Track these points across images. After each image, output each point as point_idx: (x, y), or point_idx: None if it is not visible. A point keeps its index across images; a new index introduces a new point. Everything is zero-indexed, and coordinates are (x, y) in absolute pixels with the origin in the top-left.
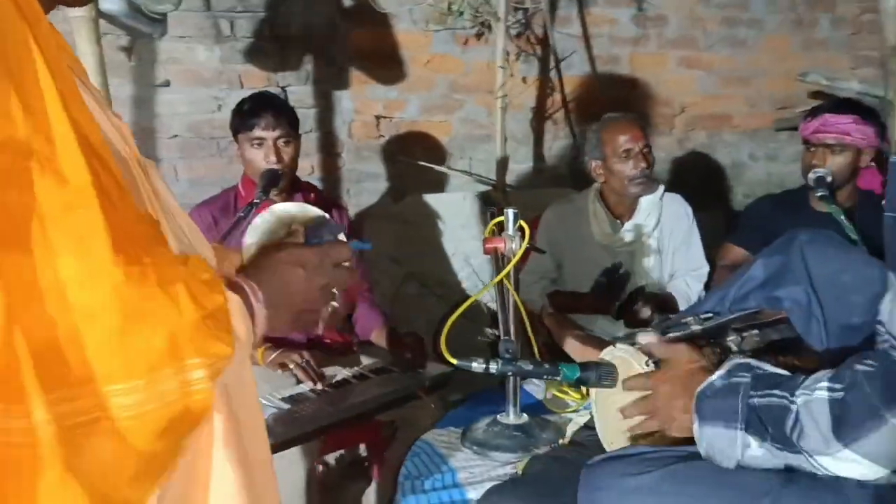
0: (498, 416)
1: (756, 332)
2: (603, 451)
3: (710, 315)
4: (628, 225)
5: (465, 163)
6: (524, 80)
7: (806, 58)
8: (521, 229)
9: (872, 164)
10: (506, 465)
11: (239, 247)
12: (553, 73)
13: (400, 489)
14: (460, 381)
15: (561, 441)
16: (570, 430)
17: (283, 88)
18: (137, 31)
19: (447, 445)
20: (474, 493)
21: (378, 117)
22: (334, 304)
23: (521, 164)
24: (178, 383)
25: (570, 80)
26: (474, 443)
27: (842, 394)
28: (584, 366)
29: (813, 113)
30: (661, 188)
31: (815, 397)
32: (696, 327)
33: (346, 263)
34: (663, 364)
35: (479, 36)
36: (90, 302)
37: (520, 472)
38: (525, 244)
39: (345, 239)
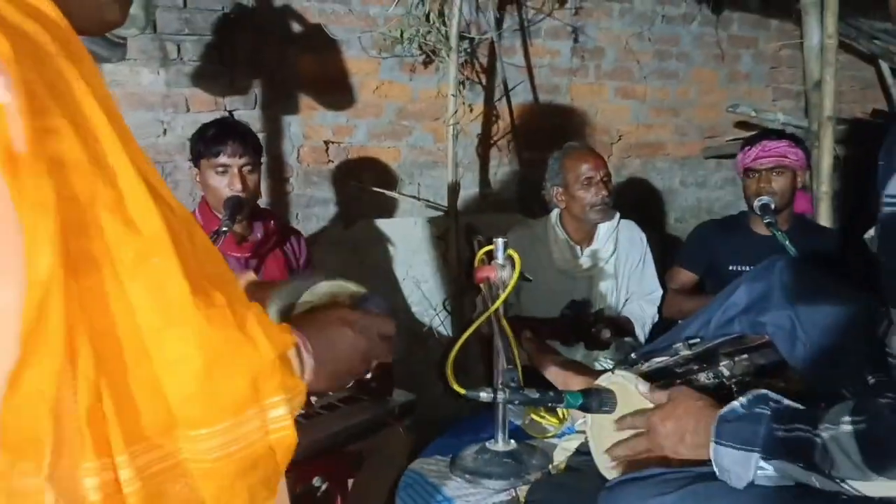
0: (487, 443)
1: (745, 356)
2: (601, 476)
3: (698, 340)
4: (587, 251)
5: (414, 188)
6: (470, 107)
7: (731, 90)
8: (511, 258)
9: (804, 187)
10: (500, 492)
11: None
12: (497, 101)
13: None
14: (425, 408)
15: (554, 467)
16: (558, 455)
17: (230, 112)
18: (94, 55)
19: (437, 475)
20: None
21: (327, 143)
22: (368, 373)
23: (467, 190)
24: (261, 422)
25: (514, 108)
26: (465, 471)
27: (864, 425)
28: (586, 393)
29: (750, 142)
30: (618, 215)
31: (840, 431)
32: (685, 352)
33: (388, 332)
34: (665, 403)
35: (426, 64)
36: (171, 350)
37: (522, 500)
38: (516, 274)
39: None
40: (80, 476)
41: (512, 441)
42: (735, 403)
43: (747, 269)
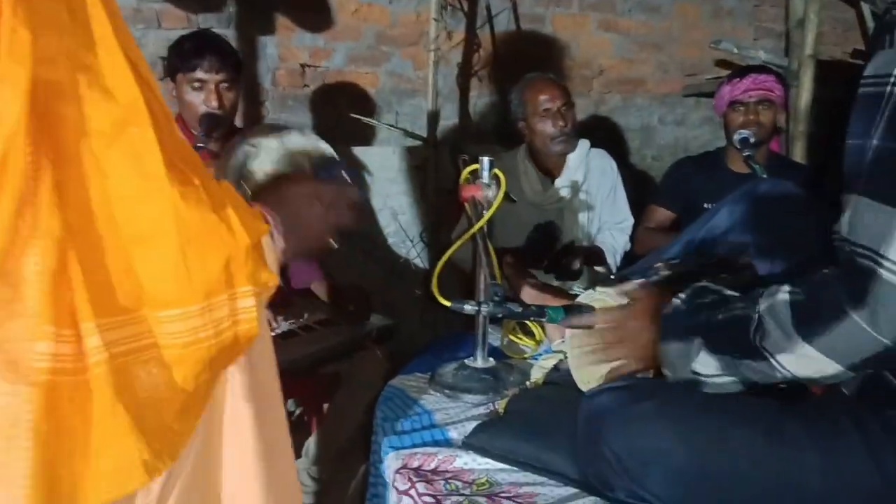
0: (466, 360)
1: (727, 276)
2: (578, 389)
3: (678, 260)
4: (558, 182)
5: (392, 117)
6: (450, 35)
7: (713, 27)
8: (497, 177)
9: (778, 128)
10: (478, 406)
11: None
12: (479, 29)
13: (379, 431)
14: (401, 339)
15: (531, 384)
16: (535, 373)
17: (203, 30)
18: None
19: (417, 390)
20: (455, 433)
21: (304, 66)
22: (333, 243)
23: (447, 121)
24: (230, 311)
25: (496, 37)
26: (445, 386)
27: (801, 295)
28: (568, 308)
29: (738, 74)
30: (587, 144)
31: (777, 299)
32: (666, 272)
33: (354, 202)
34: (629, 303)
35: None
36: (144, 222)
37: (501, 410)
38: (502, 192)
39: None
40: (32, 339)
41: (490, 359)
42: (676, 300)
43: None
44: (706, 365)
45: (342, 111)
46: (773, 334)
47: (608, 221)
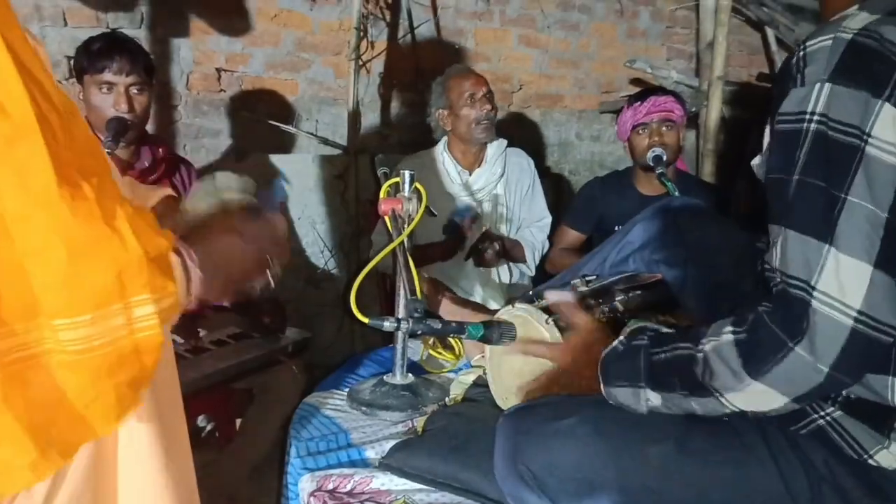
0: (384, 376)
1: (639, 293)
2: (497, 406)
3: (594, 277)
4: (476, 174)
5: (312, 125)
6: (372, 45)
7: (628, 46)
8: (418, 191)
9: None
10: (397, 423)
11: None
12: (401, 39)
13: (293, 453)
14: (318, 351)
15: (450, 399)
16: (454, 389)
17: (112, 31)
18: None
19: (333, 408)
20: (373, 452)
21: (219, 70)
22: (271, 274)
23: (367, 129)
24: (126, 319)
25: (417, 48)
26: (362, 403)
27: (745, 335)
28: (487, 325)
29: (638, 98)
30: (504, 142)
31: (722, 341)
32: (583, 289)
33: (281, 234)
34: (567, 332)
35: None
36: (35, 237)
37: (419, 429)
38: (423, 206)
39: (279, 209)
40: None
41: (410, 375)
42: (615, 343)
43: None
44: (653, 402)
45: (260, 118)
46: (721, 374)
47: (527, 219)
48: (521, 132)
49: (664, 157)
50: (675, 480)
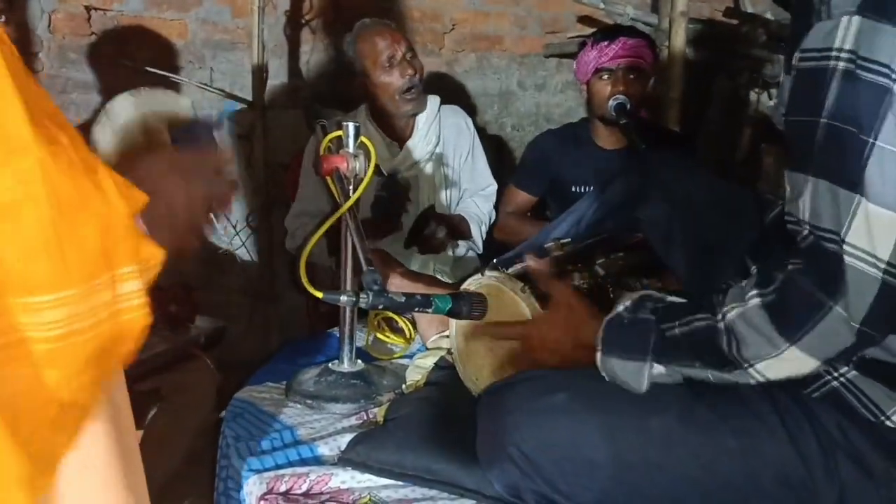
0: (329, 364)
1: (621, 255)
2: (466, 389)
3: (569, 240)
4: (407, 147)
5: (206, 74)
6: None
7: None
8: (364, 146)
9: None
10: (349, 416)
11: None
12: None
13: (232, 453)
14: (228, 345)
15: (407, 387)
16: (411, 374)
17: None
18: None
19: (271, 403)
20: (326, 448)
21: (89, 8)
22: (213, 218)
23: (273, 80)
24: (112, 296)
25: None
26: (306, 396)
27: (775, 296)
28: (456, 297)
29: (606, 37)
30: (437, 100)
31: (749, 306)
32: (557, 253)
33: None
34: (547, 306)
35: None
36: (10, 190)
37: (380, 419)
38: (373, 163)
39: (219, 137)
40: None
41: (359, 361)
42: (619, 310)
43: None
44: (657, 373)
45: (140, 67)
46: (753, 342)
47: (469, 189)
48: (453, 82)
49: (628, 106)
50: (679, 454)
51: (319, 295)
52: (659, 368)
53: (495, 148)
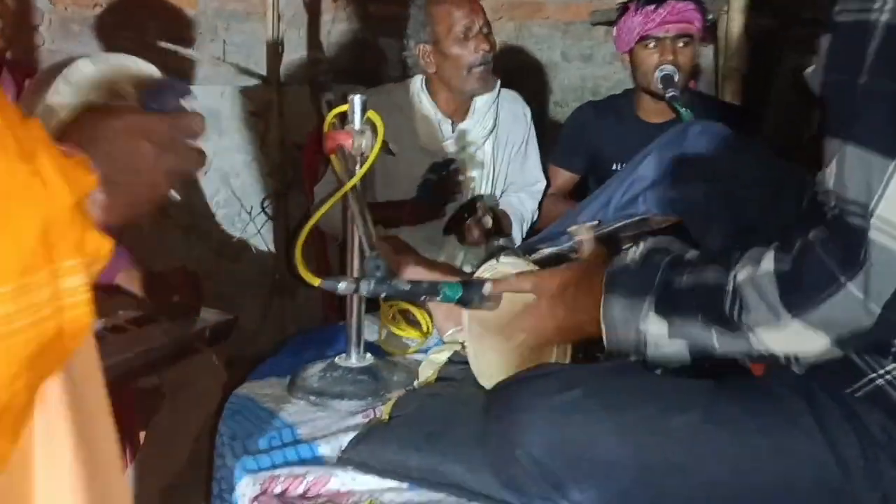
0: (336, 358)
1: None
2: (480, 385)
3: (596, 223)
4: (459, 128)
5: (218, 47)
6: None
7: None
8: (371, 122)
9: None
10: (355, 414)
11: None
12: None
13: (227, 452)
14: (239, 339)
15: (420, 384)
16: (424, 371)
17: None
18: None
19: (273, 399)
20: (327, 448)
21: None
22: (174, 192)
23: (292, 54)
24: (52, 292)
25: None
26: (309, 392)
27: (789, 265)
28: (467, 284)
29: (651, 1)
30: (498, 83)
31: (761, 270)
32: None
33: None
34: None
35: None
36: None
37: (385, 416)
38: (379, 140)
39: (190, 106)
40: None
41: (368, 355)
42: (629, 254)
43: None
44: (655, 326)
45: (148, 40)
46: (757, 309)
47: (515, 182)
48: None
49: (676, 78)
50: (703, 454)
51: (317, 282)
52: (656, 325)
53: (536, 128)
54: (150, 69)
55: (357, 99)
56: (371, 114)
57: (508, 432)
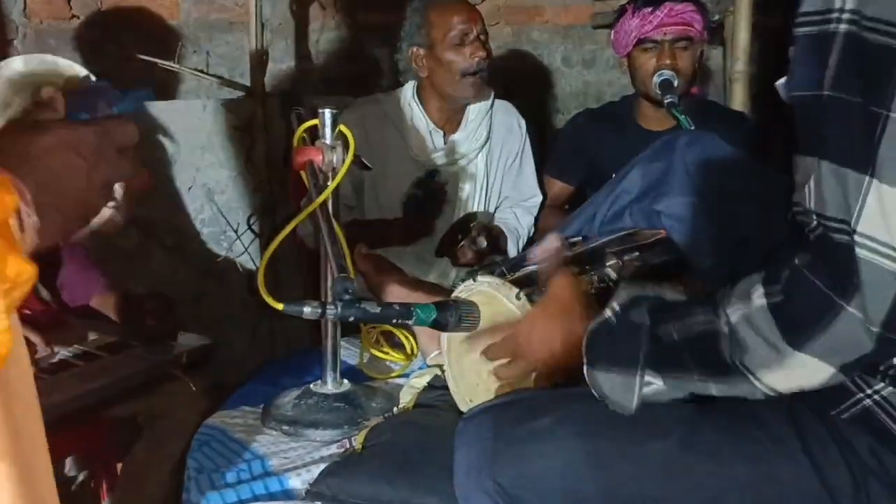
0: (311, 385)
1: (637, 255)
2: (459, 411)
3: (579, 239)
4: (452, 139)
5: (201, 59)
6: None
7: None
8: (343, 136)
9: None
10: (330, 444)
11: None
12: None
13: (192, 487)
14: (222, 365)
15: (399, 409)
16: (405, 396)
17: None
18: None
19: (244, 429)
20: (298, 481)
21: None
22: (114, 204)
23: (279, 64)
24: None
25: None
26: (283, 421)
27: (782, 296)
28: (441, 306)
29: (650, 2)
30: (492, 93)
31: (753, 307)
32: (565, 254)
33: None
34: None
35: None
36: None
37: (358, 446)
38: (350, 156)
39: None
40: None
41: (345, 381)
42: (606, 313)
43: None
44: (651, 389)
45: (128, 53)
46: (756, 349)
47: (510, 197)
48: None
49: (675, 83)
50: (681, 485)
51: (280, 306)
52: (656, 383)
53: (534, 135)
54: (80, 71)
55: (327, 113)
56: (342, 128)
57: (477, 462)
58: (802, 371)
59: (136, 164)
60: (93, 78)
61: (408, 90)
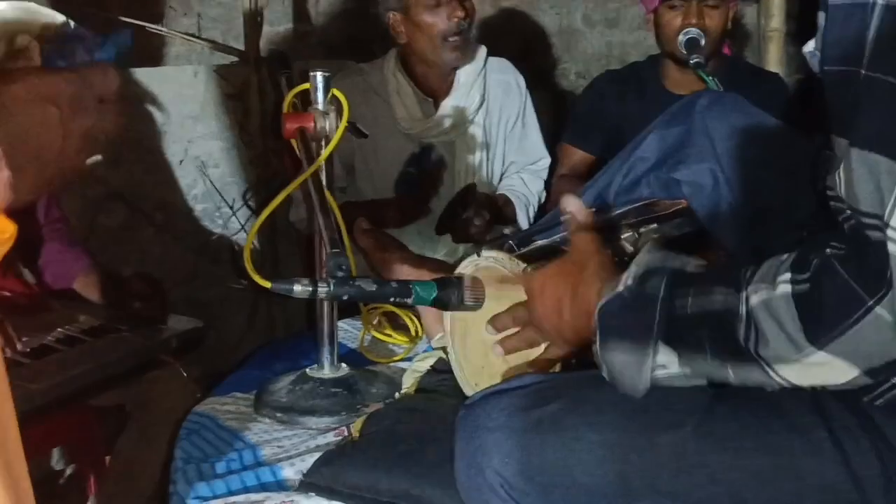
0: (307, 369)
1: (654, 226)
2: (463, 395)
3: (594, 210)
4: (444, 106)
5: (192, 21)
6: None
7: None
8: (337, 100)
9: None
10: (326, 432)
11: None
12: None
13: (179, 478)
14: (216, 350)
15: (401, 395)
16: (407, 380)
17: None
18: None
19: (236, 417)
20: (292, 471)
21: None
22: (97, 157)
23: (275, 27)
24: None
25: None
26: (277, 408)
27: (807, 286)
28: (443, 283)
29: None
30: (483, 52)
31: (777, 293)
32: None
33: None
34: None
35: None
36: None
37: (355, 433)
38: (344, 121)
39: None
40: None
41: (343, 365)
42: (619, 288)
43: None
44: (663, 372)
45: (112, 15)
46: (774, 340)
47: (516, 162)
48: (499, 21)
49: (702, 42)
50: (695, 477)
51: (267, 285)
52: (670, 365)
53: (553, 101)
54: (58, 18)
55: (319, 76)
56: (335, 91)
57: (479, 453)
58: (821, 370)
59: (118, 113)
60: (72, 24)
61: (390, 59)
